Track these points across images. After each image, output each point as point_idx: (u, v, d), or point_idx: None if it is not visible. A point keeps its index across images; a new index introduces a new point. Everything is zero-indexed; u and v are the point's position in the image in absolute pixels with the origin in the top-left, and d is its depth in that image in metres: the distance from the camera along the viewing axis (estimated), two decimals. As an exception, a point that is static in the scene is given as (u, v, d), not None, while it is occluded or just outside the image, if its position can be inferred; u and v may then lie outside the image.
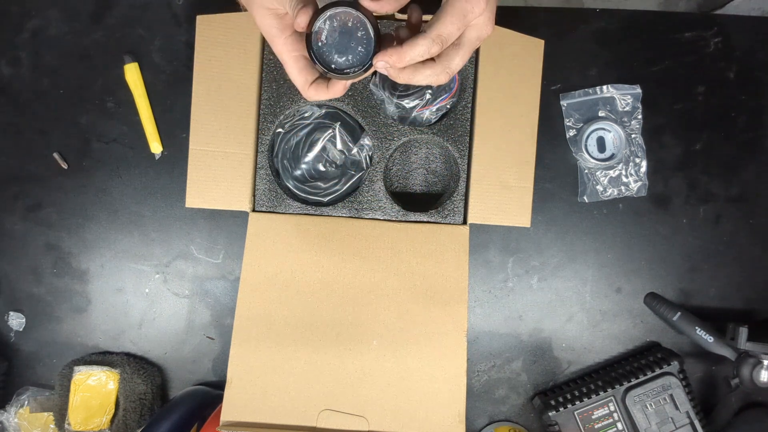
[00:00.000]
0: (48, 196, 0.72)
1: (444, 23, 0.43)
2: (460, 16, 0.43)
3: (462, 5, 0.43)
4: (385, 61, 0.44)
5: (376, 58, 0.44)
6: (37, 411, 0.71)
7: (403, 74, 0.46)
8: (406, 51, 0.43)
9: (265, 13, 0.46)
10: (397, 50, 0.43)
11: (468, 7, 0.43)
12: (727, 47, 0.72)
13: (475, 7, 0.43)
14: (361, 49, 0.44)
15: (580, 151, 0.71)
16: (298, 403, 0.62)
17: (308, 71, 0.47)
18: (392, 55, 0.43)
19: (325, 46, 0.44)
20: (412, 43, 0.43)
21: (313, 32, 0.44)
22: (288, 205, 0.67)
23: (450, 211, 0.67)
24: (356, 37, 0.44)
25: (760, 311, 0.73)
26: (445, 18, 0.43)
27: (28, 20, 0.72)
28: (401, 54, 0.43)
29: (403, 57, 0.43)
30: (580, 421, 0.67)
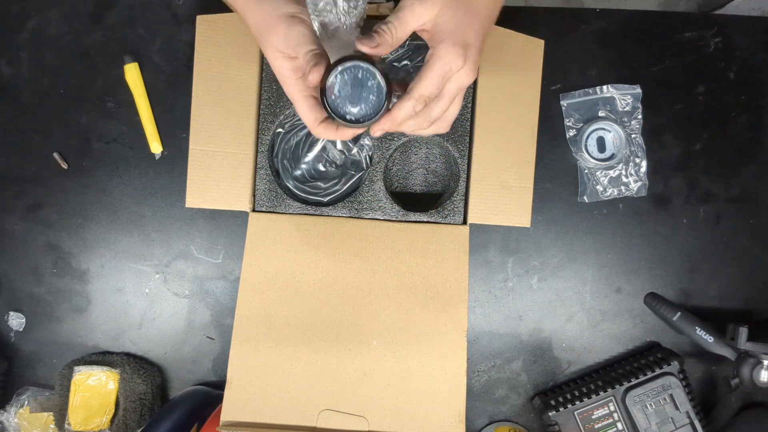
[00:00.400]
0: (48, 196, 0.72)
1: (425, 85, 0.46)
2: (439, 76, 0.46)
3: (441, 66, 0.46)
4: (381, 129, 0.49)
5: (373, 129, 0.49)
6: (37, 411, 0.71)
7: (389, 127, 0.50)
8: (395, 115, 0.48)
9: (278, 56, 0.48)
10: (389, 117, 0.48)
11: (446, 68, 0.46)
12: (727, 47, 0.72)
13: (453, 66, 0.46)
14: (372, 97, 0.47)
15: (580, 151, 0.71)
16: (298, 403, 0.62)
17: (318, 110, 0.50)
18: (386, 123, 0.48)
19: (339, 99, 0.47)
20: (399, 106, 0.47)
21: (327, 87, 0.47)
22: (288, 205, 0.67)
23: (450, 211, 0.67)
24: (367, 87, 0.47)
25: (760, 311, 0.73)
26: (426, 80, 0.46)
27: (28, 20, 0.72)
28: (393, 119, 0.48)
29: (395, 122, 0.48)
30: (580, 421, 0.67)
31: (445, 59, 0.46)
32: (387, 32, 0.47)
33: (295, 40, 0.47)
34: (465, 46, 0.46)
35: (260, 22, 0.49)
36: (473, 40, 0.47)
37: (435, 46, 0.47)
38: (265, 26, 0.48)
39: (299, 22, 0.48)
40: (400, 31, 0.47)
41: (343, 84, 0.47)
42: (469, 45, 0.46)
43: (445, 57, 0.46)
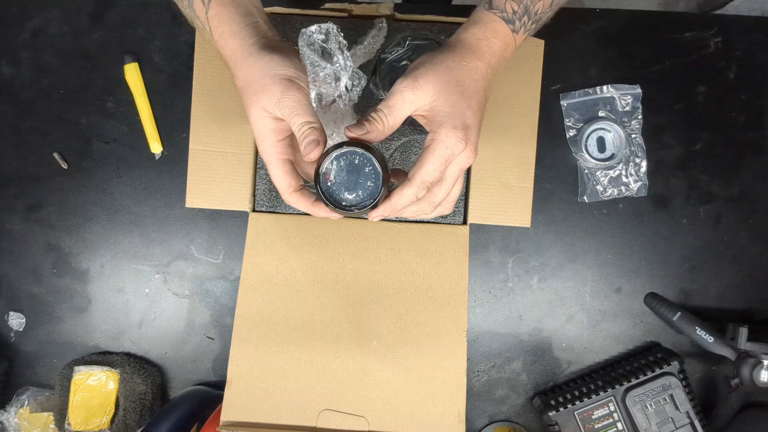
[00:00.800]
0: (48, 196, 0.72)
1: (427, 170, 0.46)
2: (441, 161, 0.45)
3: (442, 151, 0.45)
4: (380, 216, 0.48)
5: (371, 215, 0.48)
6: (37, 411, 0.71)
7: (391, 214, 0.50)
8: (396, 201, 0.47)
9: (263, 115, 0.47)
10: (389, 204, 0.47)
11: (448, 152, 0.45)
12: (727, 47, 0.72)
13: (455, 150, 0.45)
14: (370, 184, 0.46)
15: (580, 151, 0.71)
16: (298, 403, 0.62)
17: (293, 176, 0.49)
18: (386, 209, 0.47)
19: (335, 185, 0.46)
20: (400, 193, 0.47)
21: (322, 173, 0.46)
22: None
23: (450, 211, 0.67)
24: (364, 173, 0.46)
25: (760, 311, 0.73)
26: (428, 165, 0.45)
27: (28, 20, 0.72)
28: (393, 206, 0.47)
29: (395, 208, 0.47)
30: (580, 421, 0.67)
31: (446, 143, 0.45)
32: (378, 121, 0.46)
33: (290, 106, 0.46)
34: (465, 129, 0.45)
35: (253, 79, 0.47)
36: (472, 121, 0.46)
37: (435, 130, 0.46)
38: (258, 84, 0.47)
39: (297, 89, 0.46)
40: (392, 119, 0.46)
41: (339, 170, 0.46)
42: (468, 126, 0.46)
43: (445, 141, 0.45)
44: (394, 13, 0.66)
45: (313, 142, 0.45)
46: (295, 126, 0.46)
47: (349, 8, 0.66)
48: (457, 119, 0.45)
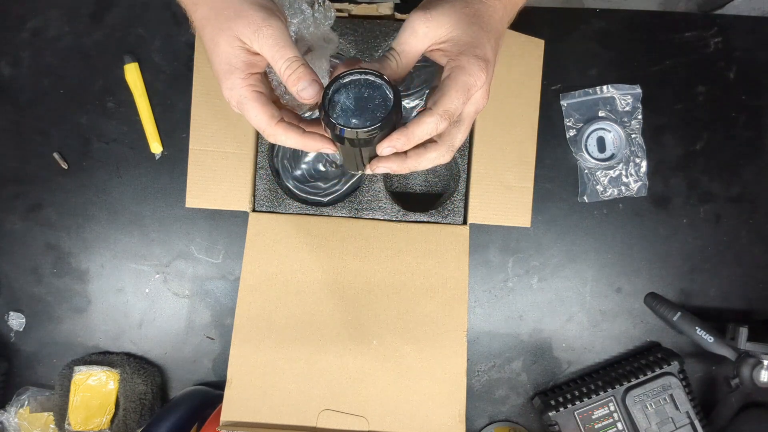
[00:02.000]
0: (48, 196, 0.72)
1: (450, 98, 0.40)
2: (464, 90, 0.41)
3: (465, 79, 0.41)
4: (392, 145, 0.40)
5: (380, 145, 0.41)
6: (37, 411, 0.71)
7: (408, 163, 0.43)
8: (413, 131, 0.40)
9: (234, 44, 0.41)
10: (403, 131, 0.40)
11: (471, 81, 0.41)
12: (727, 47, 0.72)
13: (477, 81, 0.41)
14: (380, 114, 0.40)
15: (580, 151, 0.71)
16: (298, 403, 0.62)
17: (273, 107, 0.43)
18: (399, 138, 0.40)
19: (341, 118, 0.40)
20: (418, 121, 0.40)
21: (329, 103, 0.40)
22: (288, 205, 0.67)
23: (450, 211, 0.67)
24: (374, 105, 0.40)
25: (760, 311, 0.73)
26: (450, 93, 0.40)
27: (28, 20, 0.72)
28: (408, 135, 0.40)
29: (411, 138, 0.40)
30: (580, 421, 0.67)
31: (469, 71, 0.41)
32: (390, 59, 0.42)
33: (273, 37, 0.40)
34: (486, 61, 0.41)
35: (224, 5, 0.41)
36: (491, 56, 0.42)
37: (455, 58, 0.41)
38: (231, 10, 0.40)
39: (278, 19, 0.41)
40: (405, 57, 0.42)
41: (345, 101, 0.40)
42: (489, 61, 0.42)
43: (468, 69, 0.41)
44: (394, 13, 0.66)
45: (313, 82, 0.40)
46: (280, 61, 0.40)
47: (348, 8, 0.66)
48: (479, 49, 0.41)
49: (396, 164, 0.43)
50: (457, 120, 0.43)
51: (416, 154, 0.43)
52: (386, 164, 0.43)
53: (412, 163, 0.43)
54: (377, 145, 0.41)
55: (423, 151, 0.43)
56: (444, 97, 0.40)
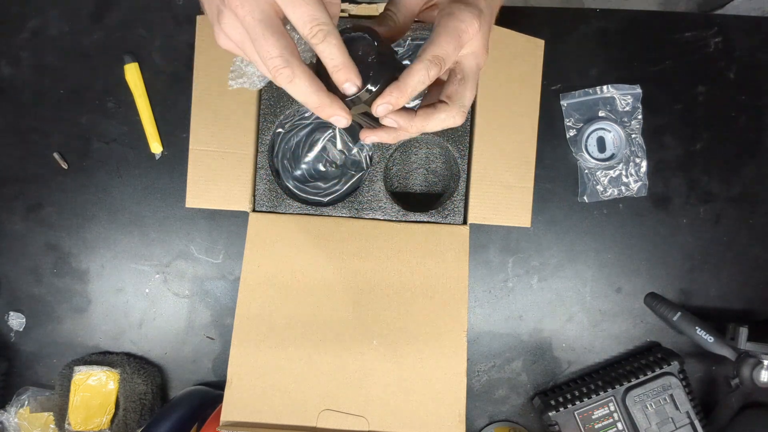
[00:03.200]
0: (48, 196, 0.72)
1: (439, 43, 0.39)
2: (454, 35, 0.39)
3: (455, 24, 0.39)
4: (387, 102, 0.38)
5: (376, 102, 0.39)
6: (37, 411, 0.71)
7: (416, 121, 0.41)
8: (404, 81, 0.38)
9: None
10: (396, 84, 0.38)
11: (462, 27, 0.39)
12: (727, 47, 0.72)
13: (469, 27, 0.40)
14: (373, 73, 0.38)
15: (580, 151, 0.71)
16: (298, 403, 0.62)
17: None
18: (392, 92, 0.38)
19: None
20: (408, 71, 0.38)
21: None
22: (288, 205, 0.67)
23: (450, 211, 0.67)
24: (367, 63, 0.38)
25: (760, 311, 0.73)
26: (439, 38, 0.39)
27: (28, 20, 0.72)
28: (401, 87, 0.38)
29: (404, 90, 0.38)
30: (580, 421, 0.67)
31: (459, 17, 0.39)
32: (389, 18, 0.41)
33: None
34: (479, 10, 0.40)
35: None
36: (485, 8, 0.41)
37: (444, 7, 0.40)
38: None
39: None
40: (402, 15, 0.41)
41: None
42: (482, 11, 0.40)
43: (458, 14, 0.39)
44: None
45: (336, 39, 0.36)
46: (306, 16, 0.35)
47: (348, 8, 0.66)
48: (470, 0, 0.40)
49: (403, 120, 0.41)
50: (461, 78, 0.42)
51: (425, 113, 0.41)
52: (395, 118, 0.40)
53: (420, 122, 0.41)
54: (372, 104, 0.39)
55: (432, 110, 0.42)
56: (432, 43, 0.39)
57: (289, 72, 0.35)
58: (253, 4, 0.35)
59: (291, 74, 0.36)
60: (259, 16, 0.35)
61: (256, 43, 0.36)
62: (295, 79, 0.36)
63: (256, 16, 0.35)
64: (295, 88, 0.36)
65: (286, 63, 0.35)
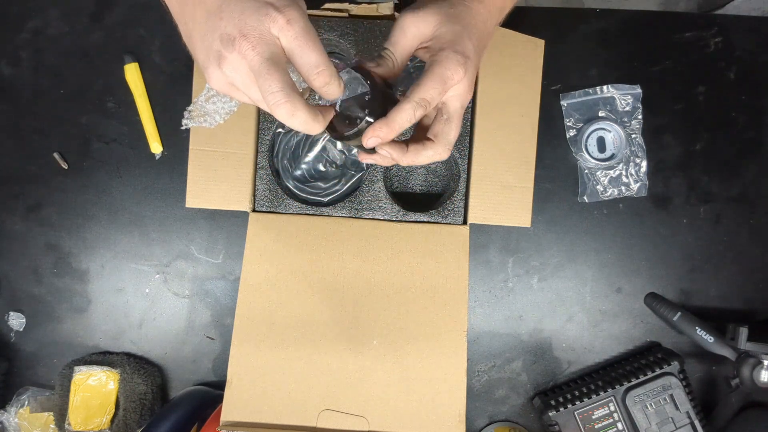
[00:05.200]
0: (48, 196, 0.72)
1: (425, 87, 0.43)
2: (439, 81, 0.44)
3: (441, 71, 0.44)
4: (376, 135, 0.43)
5: (366, 136, 0.43)
6: (38, 411, 0.71)
7: (408, 155, 0.46)
8: (392, 117, 0.43)
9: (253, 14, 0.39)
10: (385, 121, 0.43)
11: (447, 73, 0.44)
12: (727, 47, 0.72)
13: (455, 74, 0.44)
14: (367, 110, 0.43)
15: (580, 151, 0.71)
16: (298, 403, 0.62)
17: None
18: (381, 128, 0.43)
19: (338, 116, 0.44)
20: (396, 109, 0.43)
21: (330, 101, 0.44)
22: (288, 205, 0.67)
23: (450, 211, 0.67)
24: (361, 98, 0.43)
25: (760, 311, 0.73)
26: (426, 83, 0.43)
27: (28, 20, 0.72)
28: (389, 123, 0.43)
29: (392, 126, 0.43)
30: (581, 421, 0.67)
31: (446, 65, 0.44)
32: (387, 58, 0.46)
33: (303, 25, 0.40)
34: (465, 57, 0.44)
35: None
36: (472, 54, 0.45)
37: (434, 54, 0.45)
38: None
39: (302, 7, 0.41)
40: (398, 56, 0.46)
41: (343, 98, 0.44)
42: (468, 57, 0.45)
43: (445, 63, 0.44)
44: (395, 13, 0.66)
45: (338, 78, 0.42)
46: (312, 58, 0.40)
47: (348, 8, 0.66)
48: (459, 46, 0.44)
49: (396, 153, 0.46)
50: (446, 118, 0.47)
51: (415, 150, 0.47)
52: (388, 150, 0.46)
53: (411, 157, 0.47)
54: (363, 136, 0.44)
55: (421, 147, 0.47)
56: (419, 86, 0.44)
57: (290, 106, 0.39)
58: (264, 45, 0.39)
59: (292, 108, 0.39)
60: (268, 55, 0.39)
61: (260, 79, 0.39)
62: (296, 112, 0.40)
63: (265, 55, 0.39)
64: (295, 120, 0.40)
65: (288, 97, 0.39)
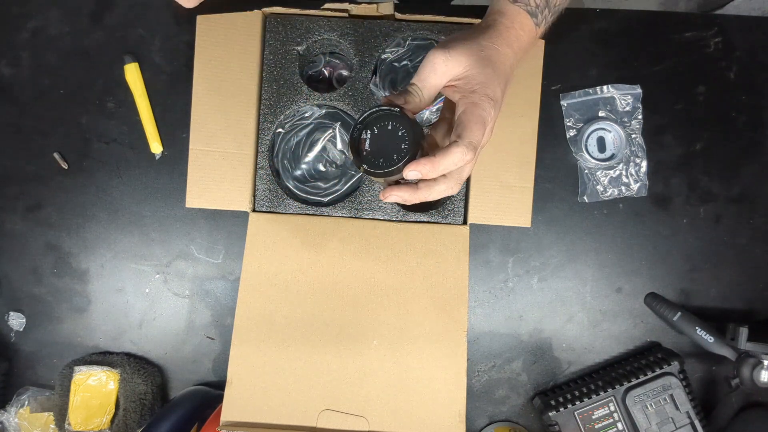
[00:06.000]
0: (48, 196, 0.72)
1: (473, 131, 0.43)
2: (481, 123, 0.43)
3: (480, 113, 0.43)
4: (418, 170, 0.43)
5: (408, 168, 0.43)
6: (38, 411, 0.71)
7: (419, 193, 0.45)
8: (440, 161, 0.42)
9: None
10: (431, 160, 0.42)
11: (485, 115, 0.43)
12: (727, 47, 0.72)
13: (488, 117, 0.44)
14: (404, 146, 0.44)
15: (580, 151, 0.71)
16: (298, 403, 0.62)
17: None
18: (425, 164, 0.42)
19: (371, 153, 0.45)
20: (446, 152, 0.42)
21: (360, 139, 0.45)
22: (288, 205, 0.67)
23: (450, 211, 0.67)
24: (397, 137, 0.44)
25: (760, 311, 0.73)
26: (472, 126, 0.43)
27: (28, 20, 0.72)
28: (435, 163, 0.42)
29: (436, 167, 0.42)
30: (581, 421, 0.67)
31: (482, 107, 0.43)
32: (413, 94, 0.45)
33: None
34: (495, 101, 0.45)
35: None
36: (500, 99, 0.46)
37: (468, 95, 0.44)
38: None
39: None
40: (426, 92, 0.45)
41: (373, 135, 0.45)
42: (497, 102, 0.45)
43: (481, 104, 0.44)
44: (394, 13, 0.66)
45: None
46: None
47: (348, 8, 0.66)
48: (490, 89, 0.45)
49: (408, 194, 0.45)
50: None
51: (427, 186, 0.45)
52: (398, 193, 0.45)
53: (423, 194, 0.46)
54: (404, 168, 0.43)
55: (433, 183, 0.45)
56: (467, 130, 0.43)
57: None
58: None
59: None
60: None
61: None
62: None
63: None
64: None
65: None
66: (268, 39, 0.67)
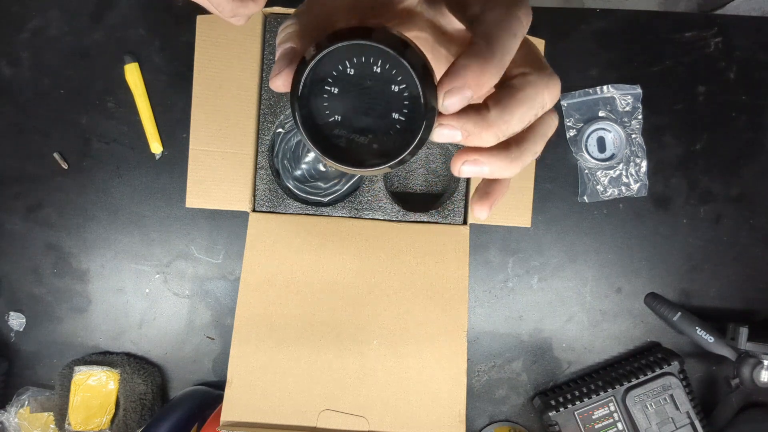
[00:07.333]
0: (48, 196, 0.72)
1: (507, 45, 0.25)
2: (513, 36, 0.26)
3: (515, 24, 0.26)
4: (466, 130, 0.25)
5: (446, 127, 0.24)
6: (38, 411, 0.71)
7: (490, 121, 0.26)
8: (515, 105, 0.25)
9: None
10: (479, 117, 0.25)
11: (539, 100, 0.27)
12: (727, 47, 0.72)
13: (523, 29, 0.26)
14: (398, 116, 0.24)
15: (580, 151, 0.71)
16: (298, 403, 0.62)
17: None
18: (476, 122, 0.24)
19: (336, 116, 0.25)
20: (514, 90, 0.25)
21: (304, 95, 0.25)
22: (288, 205, 0.67)
23: (450, 211, 0.67)
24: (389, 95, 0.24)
25: (760, 311, 0.73)
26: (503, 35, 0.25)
27: (28, 20, 0.72)
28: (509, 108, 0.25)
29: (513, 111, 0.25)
30: (581, 421, 0.67)
31: (514, 14, 0.26)
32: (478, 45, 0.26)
33: None
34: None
35: None
36: None
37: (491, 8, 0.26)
38: None
39: None
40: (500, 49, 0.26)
41: (342, 84, 0.25)
42: None
43: (512, 12, 0.26)
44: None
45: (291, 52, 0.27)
46: None
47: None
48: None
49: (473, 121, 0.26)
50: None
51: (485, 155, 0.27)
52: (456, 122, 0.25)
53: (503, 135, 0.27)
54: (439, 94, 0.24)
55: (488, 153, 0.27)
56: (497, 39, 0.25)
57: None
58: None
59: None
60: None
61: None
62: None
63: None
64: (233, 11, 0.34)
65: None
66: (268, 39, 0.67)
